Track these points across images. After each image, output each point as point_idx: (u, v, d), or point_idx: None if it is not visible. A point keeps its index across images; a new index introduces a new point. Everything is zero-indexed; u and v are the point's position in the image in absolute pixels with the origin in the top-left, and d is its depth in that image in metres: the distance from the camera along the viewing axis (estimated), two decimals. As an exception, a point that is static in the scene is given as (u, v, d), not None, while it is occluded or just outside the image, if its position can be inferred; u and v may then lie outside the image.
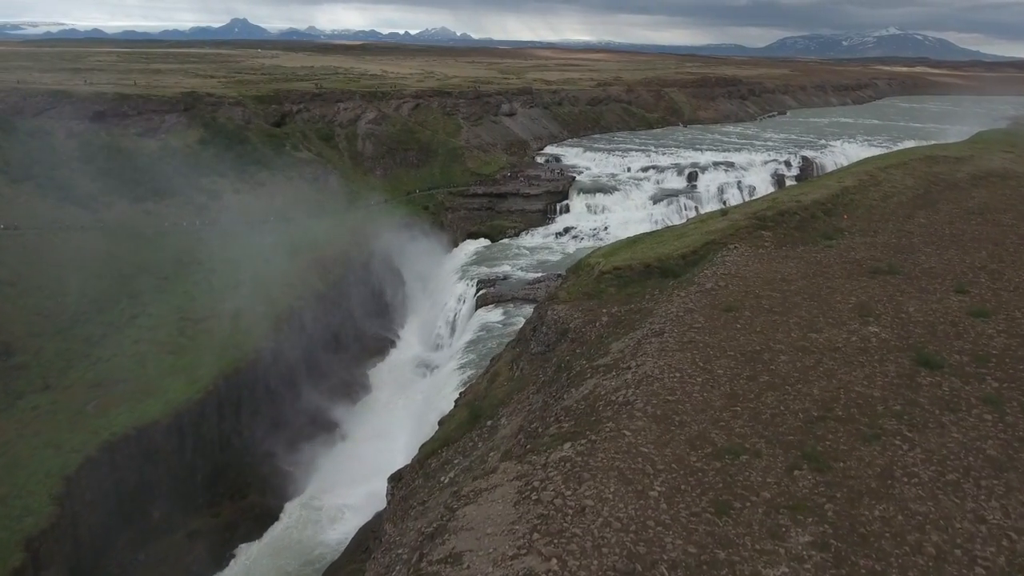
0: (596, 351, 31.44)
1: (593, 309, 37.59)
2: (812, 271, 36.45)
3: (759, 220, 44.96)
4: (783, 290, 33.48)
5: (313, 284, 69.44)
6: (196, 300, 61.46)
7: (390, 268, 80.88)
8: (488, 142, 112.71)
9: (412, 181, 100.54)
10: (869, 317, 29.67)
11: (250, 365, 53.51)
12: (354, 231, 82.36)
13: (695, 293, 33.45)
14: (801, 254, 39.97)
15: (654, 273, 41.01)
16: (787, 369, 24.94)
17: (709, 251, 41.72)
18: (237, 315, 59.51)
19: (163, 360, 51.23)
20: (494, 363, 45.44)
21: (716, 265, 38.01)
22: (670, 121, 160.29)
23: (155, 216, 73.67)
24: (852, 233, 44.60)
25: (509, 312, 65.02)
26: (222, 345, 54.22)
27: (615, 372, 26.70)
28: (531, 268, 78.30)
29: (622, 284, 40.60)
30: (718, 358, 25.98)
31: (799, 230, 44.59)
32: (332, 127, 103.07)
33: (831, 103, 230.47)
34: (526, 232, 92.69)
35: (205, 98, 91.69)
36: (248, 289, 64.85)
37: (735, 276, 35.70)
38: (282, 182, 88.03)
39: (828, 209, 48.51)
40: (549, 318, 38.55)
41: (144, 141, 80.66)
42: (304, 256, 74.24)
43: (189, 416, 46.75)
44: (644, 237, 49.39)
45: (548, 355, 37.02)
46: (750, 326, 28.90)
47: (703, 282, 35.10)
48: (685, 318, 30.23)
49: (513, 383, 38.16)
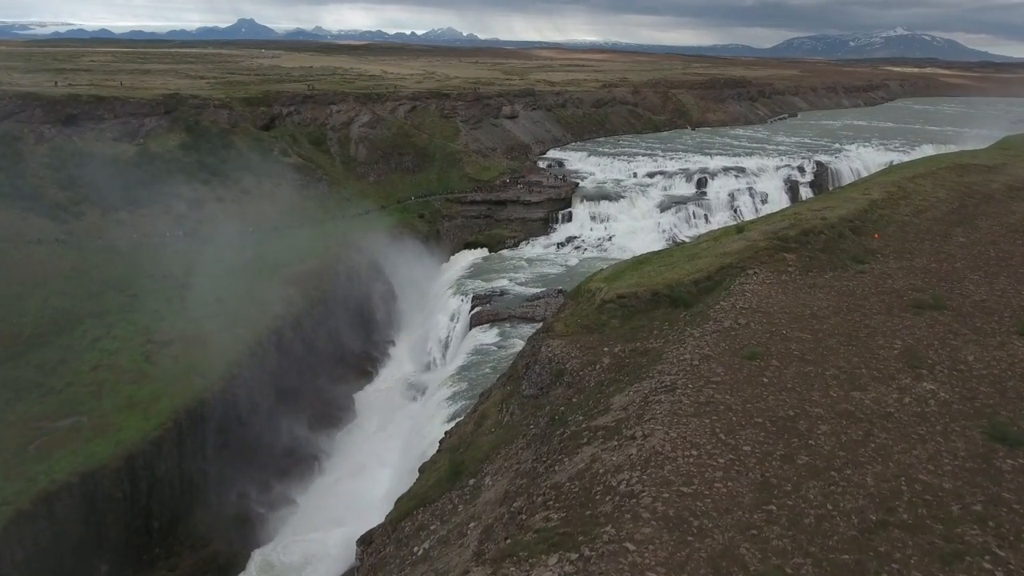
0: (595, 404, 26.67)
1: (593, 347, 32.76)
2: (845, 304, 31.60)
3: (780, 240, 40.03)
4: (814, 330, 28.65)
5: (295, 300, 64.77)
6: (166, 320, 56.89)
7: (381, 281, 76.23)
8: (488, 146, 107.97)
9: (407, 187, 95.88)
10: (921, 368, 24.84)
11: (218, 394, 48.82)
12: (343, 241, 77.75)
13: (711, 333, 28.62)
14: (830, 282, 35.12)
15: (663, 302, 36.19)
16: (830, 446, 20.09)
17: (725, 277, 36.86)
18: (209, 337, 54.88)
19: (121, 390, 46.62)
20: (483, 400, 40.71)
21: (734, 295, 33.15)
22: (677, 124, 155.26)
23: (129, 227, 69.19)
24: (885, 256, 39.73)
25: (505, 333, 60.32)
26: (189, 372, 49.59)
27: (617, 441, 21.89)
28: (530, 282, 73.57)
29: (626, 315, 35.79)
30: (743, 427, 21.15)
31: (826, 252, 39.66)
32: (324, 130, 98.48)
33: (842, 105, 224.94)
34: (526, 242, 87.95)
35: (189, 100, 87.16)
36: (224, 307, 60.30)
37: (757, 311, 30.86)
38: (269, 189, 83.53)
39: (856, 227, 43.54)
40: (543, 355, 33.77)
41: (120, 146, 76.14)
42: (288, 269, 69.68)
43: (144, 457, 42.09)
44: (651, 257, 44.53)
45: (541, 400, 32.27)
46: (779, 380, 24.09)
47: (720, 318, 30.26)
48: (700, 368, 25.40)
49: (501, 431, 33.41)
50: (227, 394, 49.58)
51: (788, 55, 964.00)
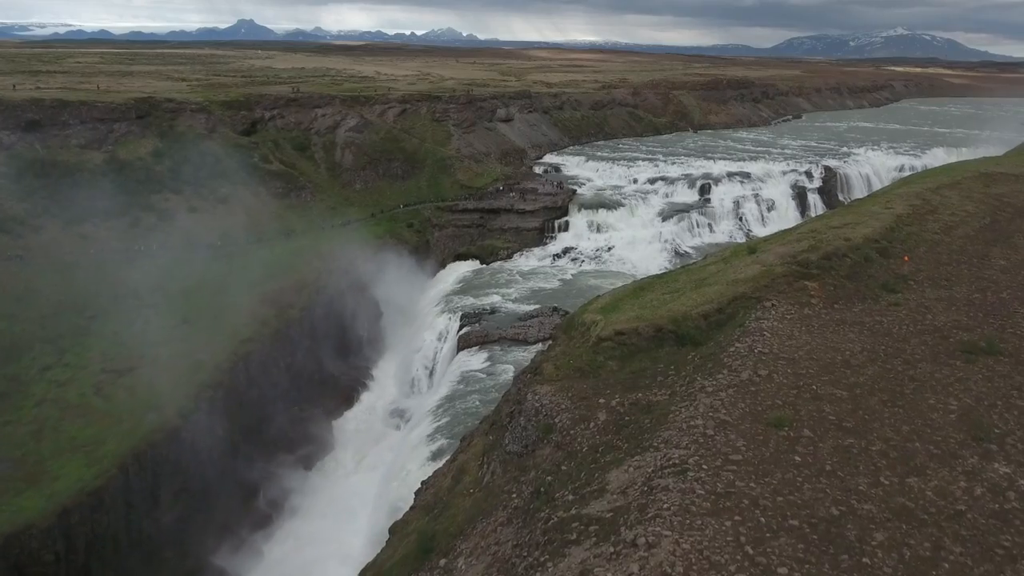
0: (588, 479, 22.09)
1: (587, 397, 28.07)
2: (883, 348, 26.97)
3: (800, 266, 35.40)
4: (850, 384, 24.04)
5: (269, 321, 60.15)
6: (125, 345, 52.26)
7: (365, 297, 71.53)
8: (481, 151, 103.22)
9: (395, 195, 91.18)
10: (988, 441, 20.27)
11: (174, 432, 44.18)
12: (325, 254, 73.08)
13: (726, 388, 23.98)
14: (861, 317, 30.51)
15: (667, 339, 31.57)
16: (891, 566, 15.46)
17: (738, 309, 32.25)
18: (170, 364, 50.28)
19: (65, 430, 42.03)
20: (464, 446, 36.09)
21: (750, 335, 28.51)
22: (679, 126, 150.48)
23: (92, 241, 64.53)
24: (919, 283, 35.12)
25: (494, 356, 55.70)
26: (143, 406, 44.98)
27: (613, 547, 17.21)
28: (523, 298, 68.88)
29: (626, 356, 31.14)
30: (776, 535, 16.51)
31: (852, 279, 35.05)
32: (308, 135, 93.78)
33: (847, 106, 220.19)
34: (520, 253, 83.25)
35: (164, 104, 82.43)
36: (190, 329, 55.71)
37: (779, 357, 26.23)
38: (247, 198, 78.89)
39: (883, 248, 38.89)
40: (529, 405, 29.09)
41: (87, 154, 71.42)
42: (264, 285, 65.03)
43: (82, 511, 37.49)
44: (653, 282, 39.86)
45: (525, 461, 27.62)
46: (815, 459, 19.47)
47: (735, 366, 25.63)
48: (716, 439, 20.76)
49: (480, 494, 28.75)
50: (185, 431, 44.91)
51: (788, 55, 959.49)
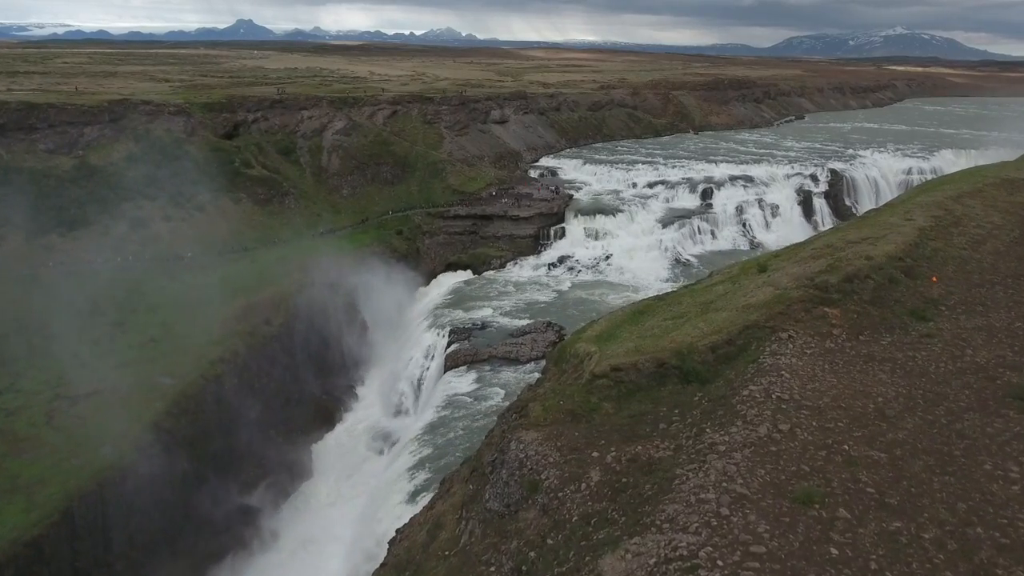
0: (577, 562, 18.49)
1: (579, 448, 24.28)
2: (921, 393, 23.29)
3: (819, 289, 31.52)
4: (888, 443, 20.37)
5: (245, 337, 56.41)
6: (86, 367, 48.50)
7: (350, 310, 67.80)
8: (474, 154, 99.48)
9: (384, 201, 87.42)
10: (1067, 526, 16.54)
11: (129, 469, 40.41)
12: (308, 264, 69.30)
13: (742, 448, 20.27)
14: (891, 351, 26.80)
15: (670, 376, 27.80)
16: None
17: (750, 340, 28.47)
18: (132, 388, 46.58)
19: (7, 468, 38.13)
20: (443, 491, 32.41)
21: (766, 374, 24.81)
22: (679, 128, 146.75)
23: (58, 253, 60.84)
24: (952, 308, 31.36)
25: (483, 378, 52.10)
26: (98, 438, 41.24)
27: None
28: (516, 312, 65.21)
29: (623, 395, 27.36)
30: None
31: (876, 304, 31.20)
32: (294, 138, 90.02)
33: (850, 106, 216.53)
34: (514, 262, 79.54)
35: (140, 107, 78.64)
36: (158, 349, 52.02)
37: (801, 405, 22.55)
38: (227, 206, 75.18)
39: (908, 267, 34.95)
40: (513, 455, 25.29)
41: (55, 159, 67.70)
42: (242, 299, 61.31)
43: (16, 566, 33.68)
44: (654, 305, 36.09)
45: (507, 524, 23.86)
46: (856, 554, 15.75)
47: (752, 417, 21.91)
48: (733, 522, 17.03)
49: (456, 559, 24.99)
50: (143, 466, 41.14)
51: (787, 54, 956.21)
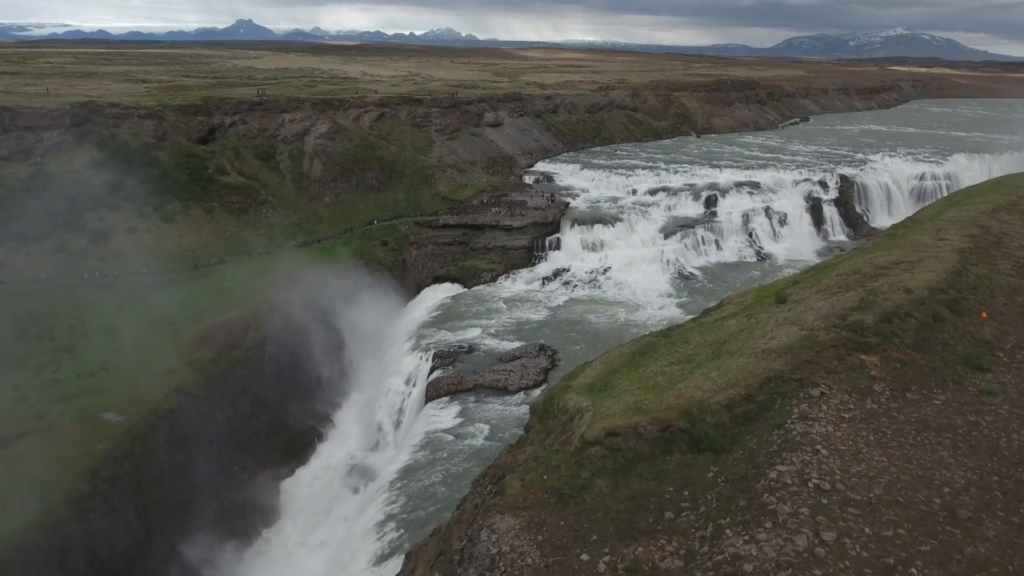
0: None
1: (564, 547, 19.26)
2: (996, 480, 18.50)
3: (852, 331, 26.47)
4: (967, 561, 15.57)
5: (208, 362, 51.55)
6: (25, 400, 43.68)
7: (327, 329, 62.86)
8: (466, 159, 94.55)
9: (369, 209, 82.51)
10: None
11: (57, 526, 35.56)
12: (284, 279, 64.46)
13: (774, 565, 15.46)
14: (948, 416, 21.96)
15: (678, 441, 22.87)
16: None
17: (774, 398, 23.54)
18: (73, 427, 41.63)
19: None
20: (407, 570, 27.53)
21: (797, 448, 19.95)
22: (681, 130, 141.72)
23: (8, 269, 56.02)
24: (1010, 353, 26.44)
25: (467, 411, 47.19)
26: (24, 490, 36.33)
27: None
28: (507, 332, 60.28)
29: (621, 467, 22.43)
30: None
31: (921, 349, 26.19)
32: (274, 143, 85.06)
33: (856, 108, 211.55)
34: (506, 276, 74.58)
35: (107, 109, 73.69)
36: (109, 379, 47.16)
37: (847, 499, 17.73)
38: (198, 216, 70.33)
39: (953, 300, 29.87)
40: (483, 548, 20.27)
41: (10, 167, 62.86)
42: (207, 320, 56.55)
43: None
44: (657, 344, 31.09)
45: (473, 646, 19.12)
46: None
47: (785, 519, 17.06)
48: None
49: None
50: (75, 521, 36.32)
51: (788, 55, 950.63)
